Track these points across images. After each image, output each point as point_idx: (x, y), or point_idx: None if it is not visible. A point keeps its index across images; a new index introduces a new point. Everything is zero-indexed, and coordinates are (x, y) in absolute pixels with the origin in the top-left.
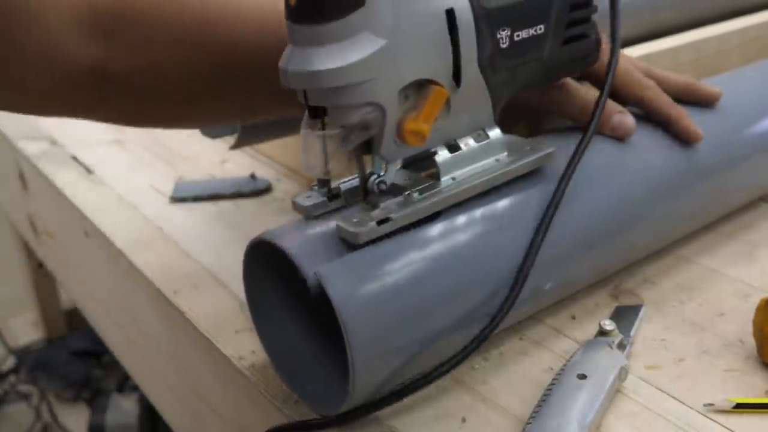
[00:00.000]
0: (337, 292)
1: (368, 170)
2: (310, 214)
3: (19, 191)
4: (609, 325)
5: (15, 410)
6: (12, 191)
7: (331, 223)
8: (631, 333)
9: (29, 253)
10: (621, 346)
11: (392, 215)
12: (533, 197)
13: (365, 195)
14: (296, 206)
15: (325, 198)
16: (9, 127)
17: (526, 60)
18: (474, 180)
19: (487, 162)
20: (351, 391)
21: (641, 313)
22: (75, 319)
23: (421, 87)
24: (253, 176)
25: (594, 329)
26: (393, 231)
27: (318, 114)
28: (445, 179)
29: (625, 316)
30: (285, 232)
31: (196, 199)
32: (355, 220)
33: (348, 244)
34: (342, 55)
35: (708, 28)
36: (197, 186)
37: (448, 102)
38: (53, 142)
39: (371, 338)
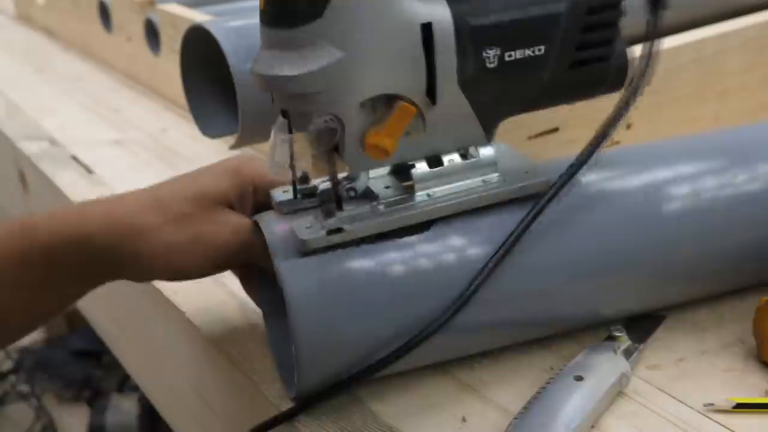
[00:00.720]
0: (292, 291)
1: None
2: (280, 210)
3: (19, 191)
4: (618, 330)
5: (15, 410)
6: (12, 191)
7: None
8: (645, 342)
9: None
10: (627, 352)
11: (345, 226)
12: (508, 225)
13: (336, 199)
14: (271, 199)
15: (299, 195)
16: (9, 127)
17: (520, 81)
18: (448, 200)
19: (473, 181)
20: (296, 375)
21: (662, 325)
22: (75, 319)
23: (390, 101)
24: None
25: (605, 334)
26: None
27: (286, 115)
28: (420, 194)
29: (642, 324)
30: (276, 220)
31: None
32: (308, 226)
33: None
34: (299, 62)
35: (708, 28)
36: None
37: (422, 118)
38: (53, 142)
39: (316, 334)
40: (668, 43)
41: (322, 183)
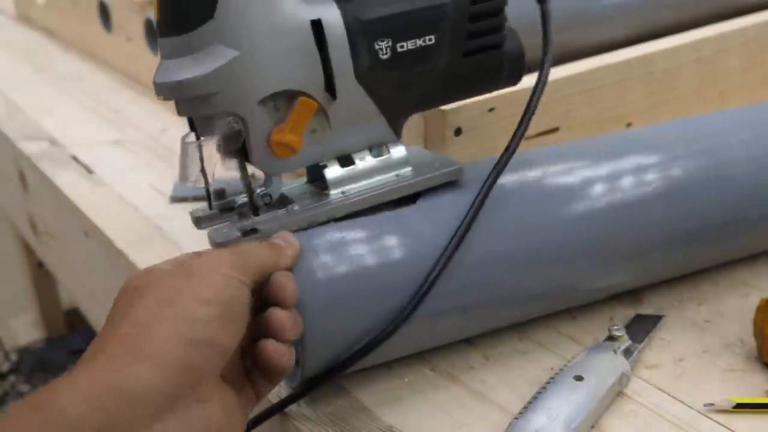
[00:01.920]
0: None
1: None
2: (200, 226)
3: (19, 191)
4: (618, 330)
5: None
6: (12, 191)
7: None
8: (644, 342)
9: (29, 253)
10: (627, 352)
11: (260, 226)
12: (442, 212)
13: (252, 206)
14: (191, 217)
15: (216, 210)
16: (9, 127)
17: (415, 71)
18: (363, 195)
19: (386, 177)
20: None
21: (660, 324)
22: (75, 319)
23: (291, 99)
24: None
25: (605, 334)
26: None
27: (192, 123)
28: (334, 192)
29: (642, 324)
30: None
31: (197, 199)
32: (224, 230)
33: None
34: (194, 66)
35: (708, 28)
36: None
37: (325, 114)
38: (53, 142)
39: (320, 324)
40: (668, 43)
41: (240, 198)
